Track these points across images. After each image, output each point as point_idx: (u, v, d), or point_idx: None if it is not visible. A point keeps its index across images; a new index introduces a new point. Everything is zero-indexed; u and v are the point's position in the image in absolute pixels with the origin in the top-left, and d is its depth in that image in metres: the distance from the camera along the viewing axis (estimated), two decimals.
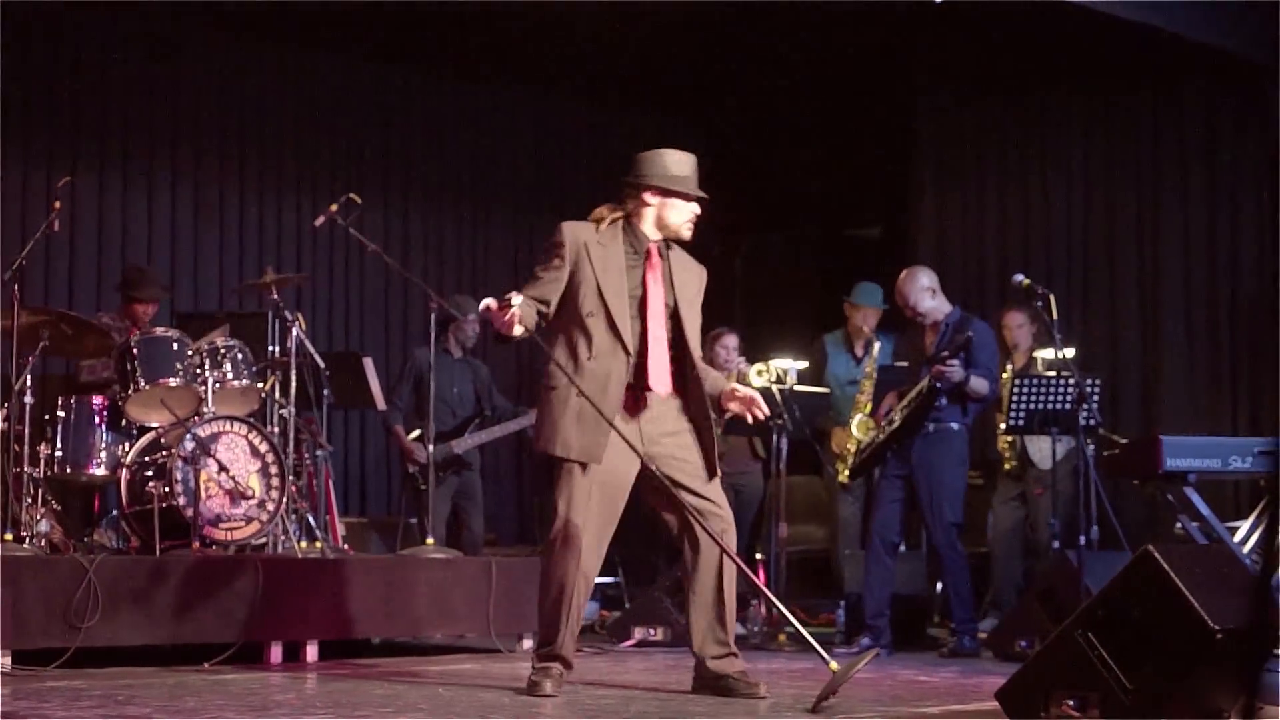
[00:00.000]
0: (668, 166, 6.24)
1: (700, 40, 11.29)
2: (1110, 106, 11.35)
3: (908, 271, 8.75)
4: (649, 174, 6.23)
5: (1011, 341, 9.41)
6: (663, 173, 6.22)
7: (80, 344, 8.28)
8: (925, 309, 8.54)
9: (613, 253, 6.20)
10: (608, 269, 6.15)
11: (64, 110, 10.77)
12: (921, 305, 8.54)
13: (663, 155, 6.26)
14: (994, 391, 8.50)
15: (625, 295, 6.14)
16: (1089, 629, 4.77)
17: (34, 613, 6.83)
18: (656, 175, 6.22)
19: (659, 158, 6.25)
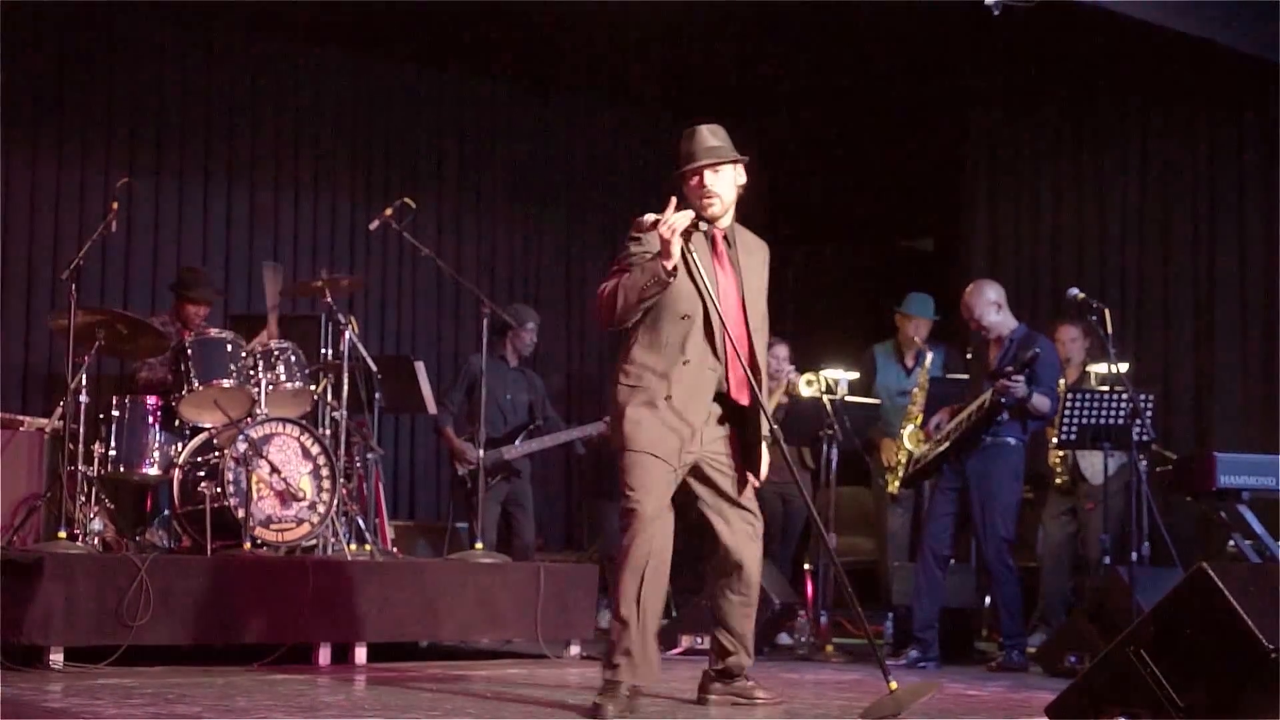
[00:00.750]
0: (683, 150, 5.90)
1: (755, 50, 11.28)
2: (1165, 119, 11.29)
3: (974, 284, 8.71)
4: (682, 165, 5.88)
5: (1064, 355, 9.36)
6: (682, 158, 5.88)
7: (135, 344, 8.33)
8: (990, 322, 8.49)
9: (702, 251, 5.82)
10: (705, 269, 5.77)
11: (121, 112, 10.84)
12: (987, 319, 8.49)
13: (684, 138, 5.90)
14: (1054, 410, 8.45)
15: (707, 293, 5.74)
16: (1141, 646, 4.74)
17: (86, 610, 6.87)
18: (680, 163, 5.89)
19: (683, 144, 5.90)
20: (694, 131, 5.87)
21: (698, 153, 5.83)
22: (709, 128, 5.88)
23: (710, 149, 5.84)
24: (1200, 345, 10.96)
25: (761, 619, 8.81)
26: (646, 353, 5.76)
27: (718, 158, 5.83)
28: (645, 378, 5.74)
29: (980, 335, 8.62)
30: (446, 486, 11.02)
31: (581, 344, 12.91)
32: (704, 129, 5.87)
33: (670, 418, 5.71)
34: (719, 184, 5.84)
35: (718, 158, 5.83)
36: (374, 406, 9.05)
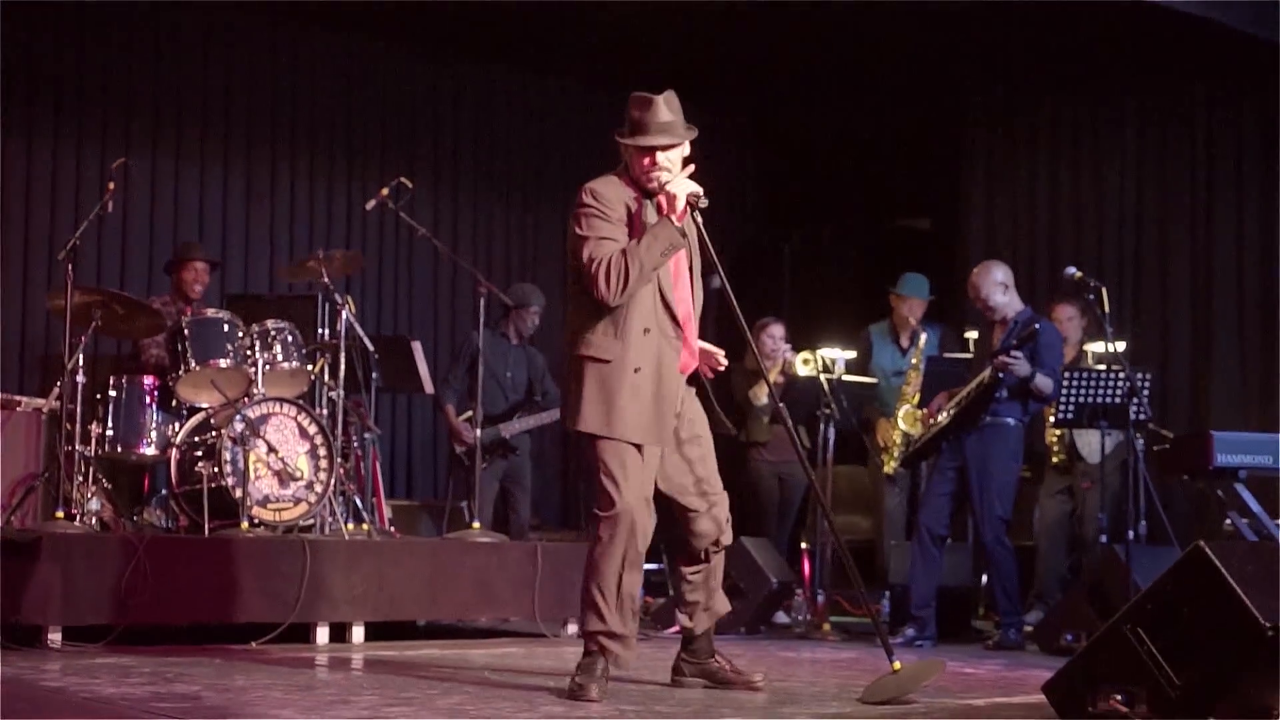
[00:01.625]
0: (633, 117, 5.69)
1: (751, 32, 11.25)
2: (1163, 99, 11.29)
3: (983, 265, 8.71)
4: (623, 131, 5.69)
5: (1061, 334, 9.36)
6: (629, 125, 5.68)
7: (132, 324, 8.34)
8: (996, 304, 8.49)
9: (650, 215, 5.63)
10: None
11: (117, 92, 10.82)
12: (993, 299, 8.49)
13: (630, 105, 5.70)
14: (1057, 393, 8.44)
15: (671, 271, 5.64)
16: (1138, 624, 4.74)
17: (85, 590, 6.88)
18: (625, 129, 5.69)
19: (628, 108, 5.70)
20: (649, 101, 5.66)
21: (651, 128, 5.63)
22: (665, 98, 5.67)
23: (664, 125, 5.64)
24: (1197, 324, 10.97)
25: (759, 598, 8.85)
26: (609, 322, 5.56)
27: (671, 138, 5.65)
28: (607, 348, 5.56)
29: (985, 317, 8.62)
30: (444, 465, 11.03)
31: None
32: (660, 101, 5.66)
33: (643, 391, 5.55)
34: (668, 161, 5.66)
35: (671, 138, 5.65)
36: (371, 386, 9.06)
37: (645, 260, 5.50)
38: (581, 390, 5.58)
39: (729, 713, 5.26)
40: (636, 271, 5.49)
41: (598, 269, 5.51)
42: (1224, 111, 11.00)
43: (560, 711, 5.12)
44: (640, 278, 5.51)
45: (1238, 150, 10.88)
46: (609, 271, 5.49)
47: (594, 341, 5.57)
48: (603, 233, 5.57)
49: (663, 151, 5.64)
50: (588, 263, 5.54)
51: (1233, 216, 10.86)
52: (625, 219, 5.61)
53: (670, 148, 5.66)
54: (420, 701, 5.31)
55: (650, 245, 5.51)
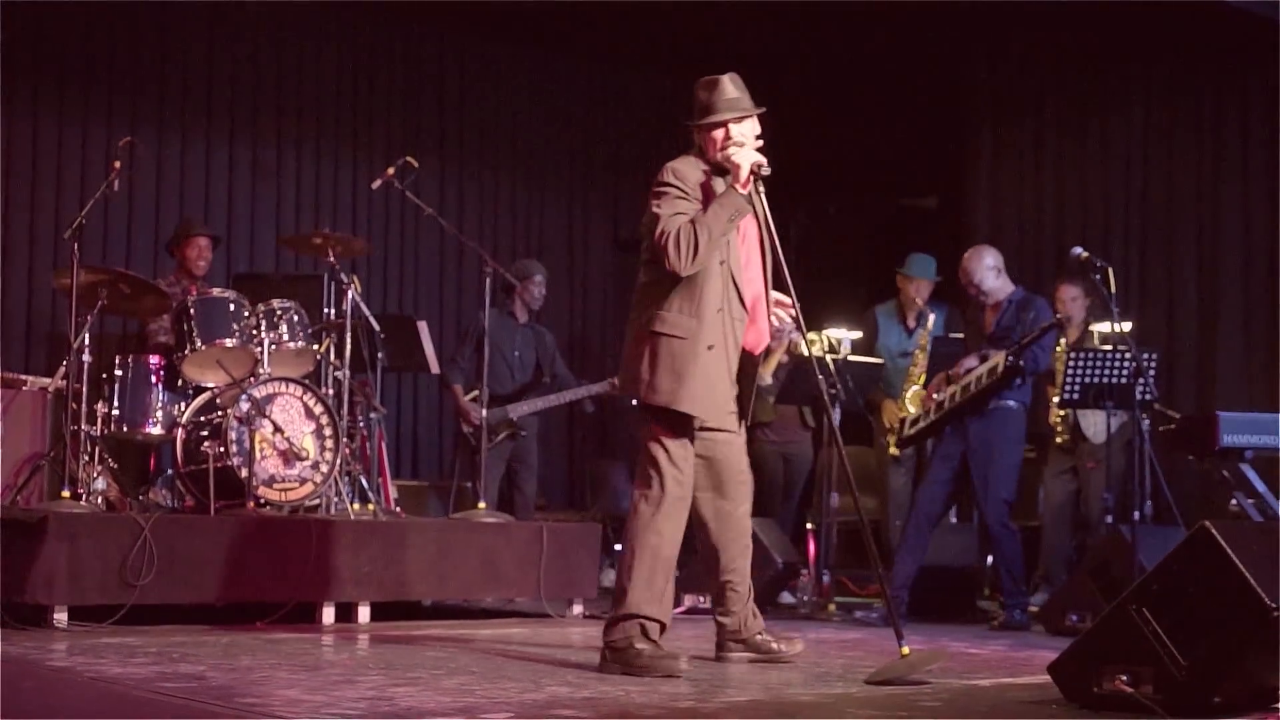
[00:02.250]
0: (701, 100, 5.87)
1: (757, 8, 11.23)
2: (1169, 78, 11.25)
3: (974, 250, 8.72)
4: (700, 118, 5.87)
5: (1065, 314, 9.35)
6: (698, 109, 5.87)
7: (138, 303, 8.34)
8: (989, 288, 8.51)
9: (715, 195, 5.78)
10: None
11: (123, 70, 10.82)
12: (986, 284, 8.51)
13: (697, 90, 5.89)
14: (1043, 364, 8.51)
15: (743, 250, 5.85)
16: (1143, 604, 4.74)
17: (90, 570, 6.88)
18: (695, 114, 5.88)
19: (695, 94, 5.90)
20: (715, 81, 5.84)
21: (719, 105, 5.81)
22: (730, 78, 5.86)
23: (732, 100, 5.83)
24: (1203, 304, 10.95)
25: (764, 578, 8.86)
26: (680, 296, 5.72)
27: (742, 110, 5.83)
28: (681, 324, 5.71)
29: (977, 300, 8.62)
30: (450, 445, 11.04)
31: (584, 303, 12.91)
32: (726, 80, 5.84)
33: (712, 370, 5.71)
34: (741, 135, 5.83)
35: (742, 110, 5.83)
36: (377, 366, 9.05)
37: (713, 227, 5.63)
38: (656, 365, 5.71)
39: (733, 693, 5.27)
40: (705, 238, 5.62)
41: (668, 240, 5.62)
42: (1229, 90, 10.96)
43: (564, 694, 5.12)
44: (709, 245, 5.64)
45: (1243, 129, 10.85)
46: (679, 240, 5.62)
47: (669, 319, 5.72)
48: (677, 208, 5.70)
49: (736, 124, 5.82)
50: (659, 235, 5.66)
51: (1238, 196, 10.83)
52: (701, 197, 5.75)
53: (742, 119, 5.84)
54: (426, 681, 5.31)
55: (716, 213, 5.65)
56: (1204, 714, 4.62)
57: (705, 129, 5.85)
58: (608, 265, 13.06)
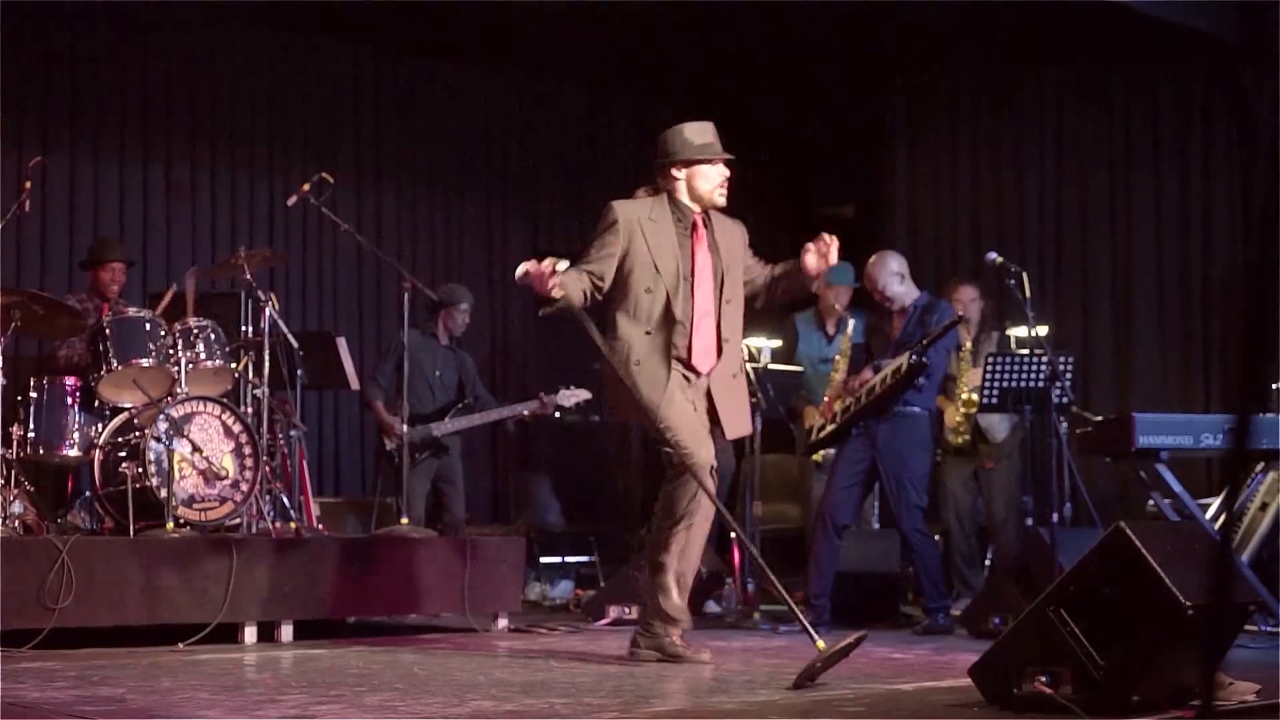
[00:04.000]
0: (685, 140, 6.50)
1: (674, 20, 11.25)
2: (1082, 86, 11.39)
3: (877, 256, 8.76)
4: (671, 150, 6.49)
5: (965, 315, 9.40)
6: (682, 145, 6.49)
7: (52, 324, 8.25)
8: (894, 294, 8.56)
9: (665, 227, 6.46)
10: (662, 245, 6.42)
11: (34, 90, 10.70)
12: (890, 290, 8.55)
13: (681, 129, 6.52)
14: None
15: (679, 272, 6.42)
16: (1061, 606, 4.79)
17: (7, 594, 6.81)
18: (677, 149, 6.49)
19: (677, 132, 6.52)
20: (707, 125, 6.57)
21: (715, 146, 6.58)
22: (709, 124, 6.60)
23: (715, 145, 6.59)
24: (1118, 308, 11.08)
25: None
26: (627, 328, 6.41)
27: (727, 155, 6.61)
28: (619, 349, 6.37)
29: (883, 307, 8.66)
30: (372, 462, 10.98)
31: (505, 322, 12.88)
32: (710, 125, 6.59)
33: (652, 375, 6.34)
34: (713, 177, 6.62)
35: (727, 155, 6.61)
36: (296, 383, 9.00)
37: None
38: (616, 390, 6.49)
39: (657, 703, 5.27)
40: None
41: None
42: (1141, 95, 11.10)
43: (489, 708, 5.12)
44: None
45: (1154, 134, 10.99)
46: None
47: (612, 347, 6.43)
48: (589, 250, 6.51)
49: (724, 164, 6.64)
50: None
51: (1151, 200, 10.98)
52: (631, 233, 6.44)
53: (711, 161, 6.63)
54: (349, 699, 5.30)
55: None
56: (1122, 713, 4.68)
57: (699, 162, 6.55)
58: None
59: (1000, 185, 11.76)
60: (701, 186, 6.53)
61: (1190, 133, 10.81)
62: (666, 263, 6.41)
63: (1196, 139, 10.77)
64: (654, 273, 6.39)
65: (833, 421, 8.60)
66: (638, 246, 6.40)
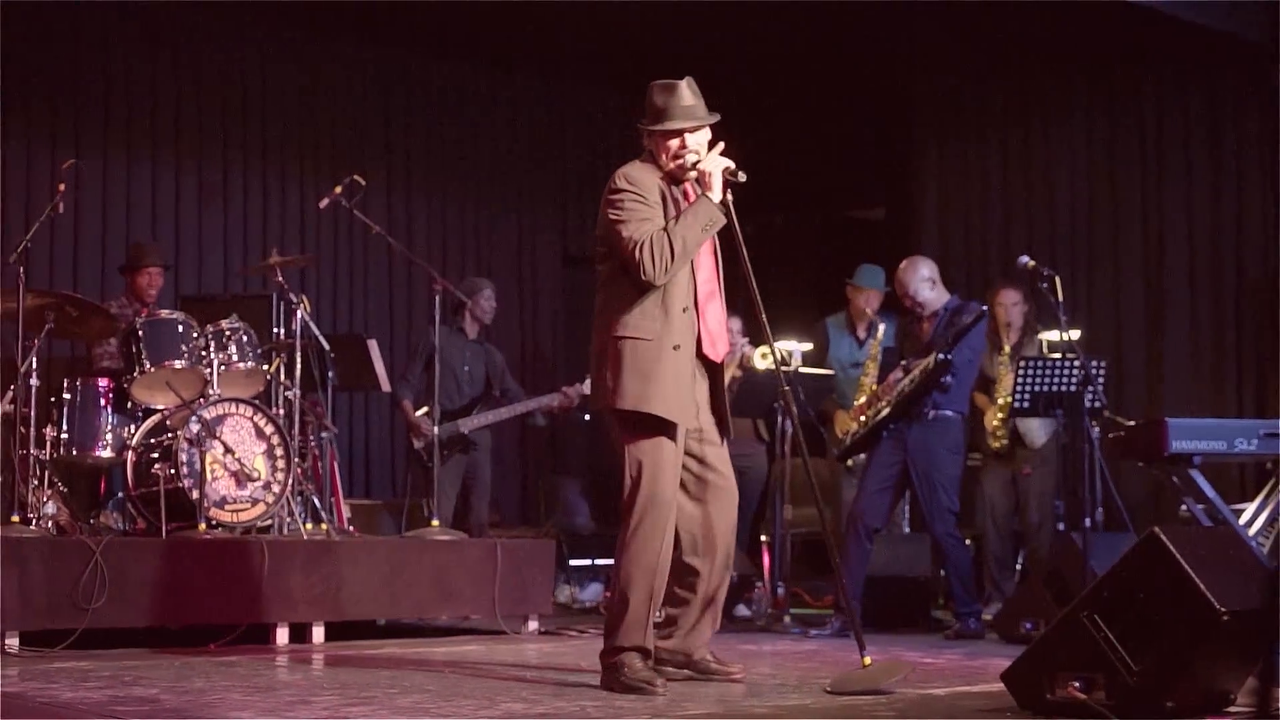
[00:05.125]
0: (656, 104, 5.76)
1: (702, 24, 11.25)
2: (1113, 88, 11.34)
3: (908, 261, 8.74)
4: (649, 122, 5.77)
5: (1005, 320, 9.36)
6: (652, 113, 5.76)
7: (86, 326, 8.29)
8: (924, 299, 8.54)
9: (670, 201, 5.74)
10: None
11: (68, 92, 10.77)
12: (921, 295, 8.54)
13: (651, 93, 5.78)
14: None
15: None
16: (1095, 611, 4.77)
17: (41, 595, 6.85)
18: (648, 117, 5.77)
19: (650, 97, 5.78)
20: (672, 87, 5.75)
21: (675, 111, 5.72)
22: (686, 83, 5.77)
23: (689, 108, 5.74)
24: (1151, 312, 11.02)
25: None
26: (648, 301, 5.62)
27: (697, 119, 5.75)
28: (646, 327, 5.61)
29: (913, 312, 8.64)
30: (402, 463, 11.01)
31: (534, 318, 12.91)
32: (683, 85, 5.75)
33: (682, 370, 5.61)
34: (696, 143, 5.77)
35: (697, 119, 5.75)
36: (327, 385, 9.03)
37: (687, 237, 5.58)
38: (620, 369, 5.60)
39: (691, 708, 5.27)
40: (680, 248, 5.56)
41: (640, 250, 5.55)
42: (1173, 98, 11.05)
43: (520, 710, 5.12)
44: (684, 255, 5.59)
45: (1185, 138, 10.94)
46: (652, 250, 5.55)
47: (631, 321, 5.61)
48: (641, 214, 5.62)
49: (691, 134, 5.74)
50: (628, 244, 5.57)
51: (1183, 203, 10.92)
52: (660, 202, 5.68)
53: (697, 129, 5.76)
54: (380, 700, 5.30)
55: (690, 223, 5.60)
56: (1156, 719, 4.65)
57: (659, 135, 5.77)
58: (557, 280, 13.07)
59: (1030, 188, 11.72)
60: (670, 162, 5.76)
61: (1222, 136, 10.75)
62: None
63: (1228, 142, 10.71)
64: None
65: (862, 426, 8.58)
66: (667, 215, 5.67)
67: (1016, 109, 11.89)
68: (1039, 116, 11.74)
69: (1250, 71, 10.36)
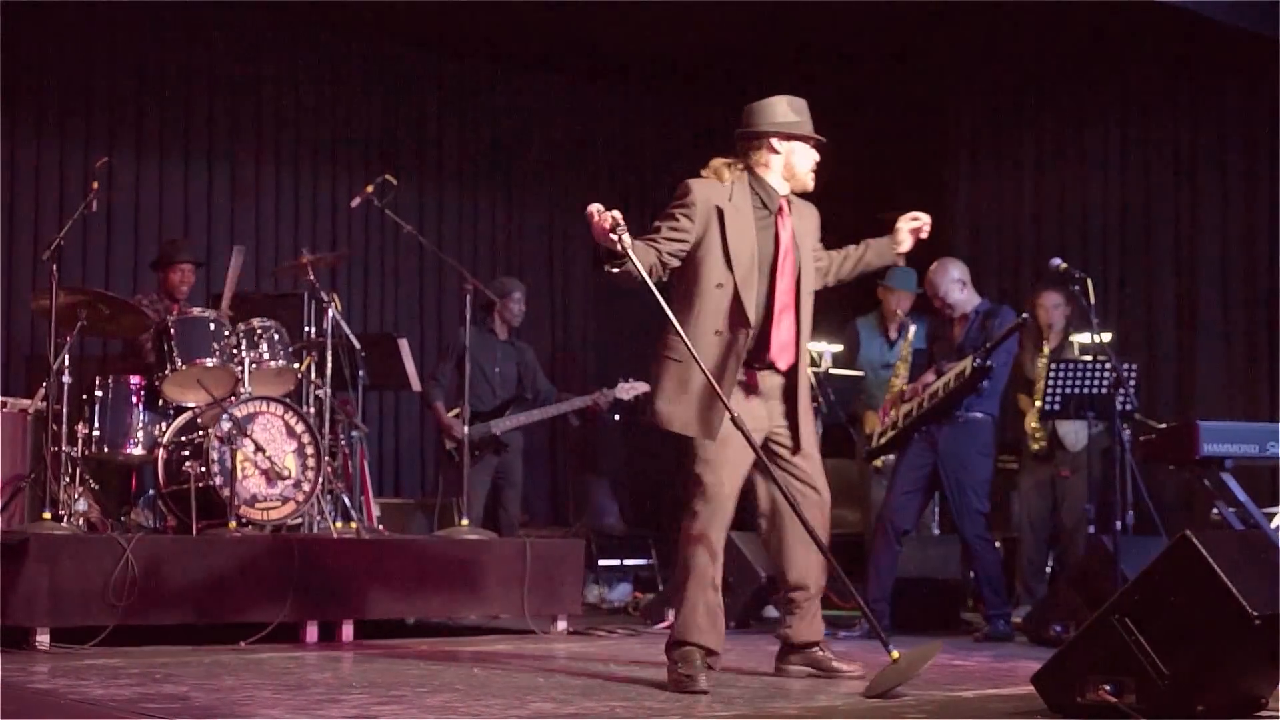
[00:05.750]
0: (787, 112, 6.09)
1: (736, 26, 11.25)
2: (1147, 91, 11.31)
3: (939, 263, 8.73)
4: (771, 121, 6.06)
5: (1046, 321, 9.33)
6: (785, 118, 6.07)
7: (118, 324, 8.31)
8: (955, 301, 8.52)
9: (744, 215, 5.94)
10: (741, 235, 5.89)
11: (100, 91, 10.81)
12: (951, 297, 8.52)
13: (779, 101, 6.11)
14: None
15: (755, 263, 5.90)
16: (1126, 614, 4.75)
17: (72, 591, 6.87)
18: (779, 121, 6.06)
19: (776, 104, 6.10)
20: (803, 101, 6.17)
21: (809, 124, 6.14)
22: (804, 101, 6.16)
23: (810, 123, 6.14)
24: (1183, 314, 10.99)
25: (748, 592, 8.86)
26: (692, 319, 5.84)
27: (822, 138, 6.18)
28: (678, 347, 5.79)
29: (944, 314, 8.62)
30: (432, 462, 11.02)
31: (565, 318, 12.92)
32: (805, 102, 6.16)
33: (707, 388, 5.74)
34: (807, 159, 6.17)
35: (822, 138, 6.18)
36: (358, 384, 9.05)
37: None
38: (659, 389, 5.90)
39: (719, 707, 5.26)
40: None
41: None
42: (1207, 102, 11.01)
43: (549, 710, 5.12)
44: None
45: (1220, 140, 10.90)
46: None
47: (670, 341, 5.86)
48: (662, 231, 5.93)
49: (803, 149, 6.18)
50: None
51: (1217, 206, 10.88)
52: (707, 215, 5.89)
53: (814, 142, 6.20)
54: (409, 699, 5.31)
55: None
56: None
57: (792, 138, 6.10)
58: (588, 281, 13.07)
59: (1063, 190, 11.69)
60: (799, 165, 6.09)
61: (1256, 138, 10.70)
62: (742, 254, 5.86)
63: (1263, 145, 10.66)
64: (726, 267, 5.85)
65: (892, 427, 8.57)
66: (713, 236, 5.85)
67: (1048, 112, 11.86)
68: (1071, 119, 11.71)
69: None
